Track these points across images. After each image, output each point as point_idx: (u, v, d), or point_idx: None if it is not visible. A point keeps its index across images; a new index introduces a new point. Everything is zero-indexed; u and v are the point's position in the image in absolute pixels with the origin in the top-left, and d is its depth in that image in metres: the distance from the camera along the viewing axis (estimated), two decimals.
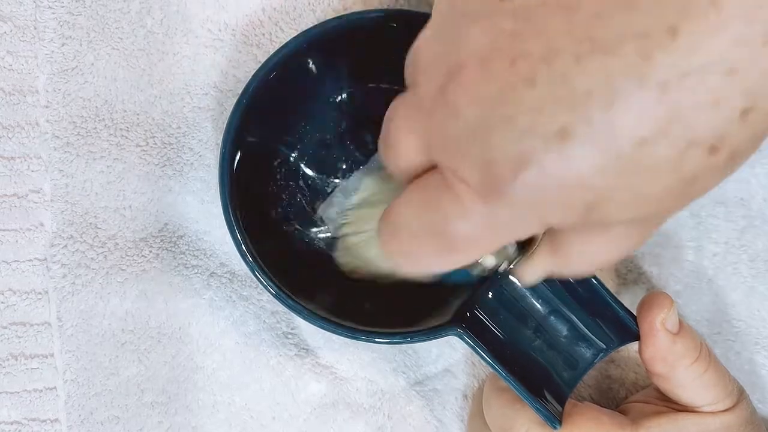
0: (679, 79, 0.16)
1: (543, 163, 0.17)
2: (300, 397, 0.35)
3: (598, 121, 0.17)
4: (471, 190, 0.19)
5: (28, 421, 0.33)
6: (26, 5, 0.32)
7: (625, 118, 0.17)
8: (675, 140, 0.17)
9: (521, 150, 0.18)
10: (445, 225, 0.20)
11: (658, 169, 0.17)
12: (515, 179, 0.18)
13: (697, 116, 0.16)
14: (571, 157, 0.17)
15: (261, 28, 0.33)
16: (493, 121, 0.18)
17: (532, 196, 0.18)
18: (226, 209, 0.29)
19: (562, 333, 0.30)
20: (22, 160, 0.32)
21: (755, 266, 0.35)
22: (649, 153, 0.17)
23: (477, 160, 0.18)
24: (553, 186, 0.18)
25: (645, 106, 0.16)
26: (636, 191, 0.18)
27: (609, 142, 0.17)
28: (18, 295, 0.33)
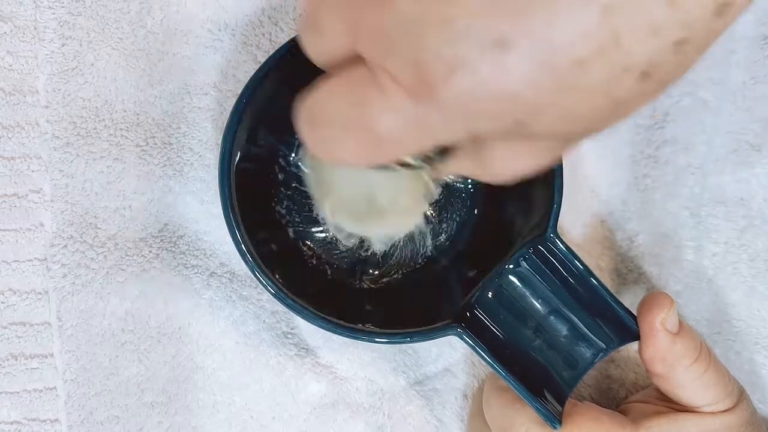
0: (622, 4, 0.16)
1: (477, 70, 0.17)
2: (300, 397, 0.35)
3: (538, 35, 0.16)
4: (399, 88, 0.18)
5: (28, 421, 0.33)
6: (26, 5, 0.32)
7: (565, 35, 0.16)
8: (611, 64, 0.17)
9: (456, 54, 0.17)
10: (370, 120, 0.19)
11: (591, 91, 0.17)
12: (447, 83, 0.17)
13: (634, 43, 0.16)
14: (506, 68, 0.17)
15: (261, 29, 0.33)
16: (430, 19, 0.17)
17: (462, 103, 0.18)
18: (226, 209, 0.29)
19: (562, 333, 0.30)
20: (22, 160, 0.32)
21: (755, 266, 0.35)
22: (584, 73, 0.17)
23: (409, 58, 0.18)
24: (485, 95, 0.17)
25: (587, 27, 0.16)
26: (566, 109, 0.18)
27: (547, 58, 0.17)
28: (18, 295, 0.33)
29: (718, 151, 0.35)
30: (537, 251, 0.30)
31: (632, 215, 0.35)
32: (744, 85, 0.34)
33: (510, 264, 0.30)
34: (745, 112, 0.35)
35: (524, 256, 0.30)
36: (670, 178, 0.35)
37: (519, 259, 0.30)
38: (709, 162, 0.35)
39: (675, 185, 0.35)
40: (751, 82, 0.34)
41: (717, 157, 0.35)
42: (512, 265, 0.30)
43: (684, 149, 0.35)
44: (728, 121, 0.35)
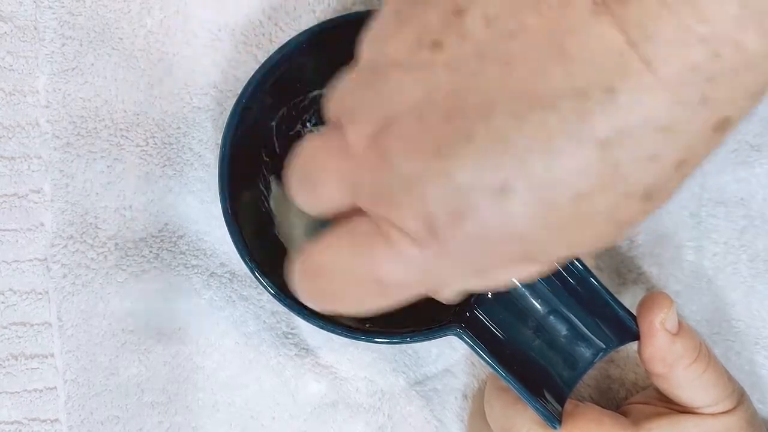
0: (619, 137, 0.16)
1: (482, 217, 0.17)
2: (300, 397, 0.35)
3: (537, 177, 0.17)
4: (406, 237, 0.19)
5: (29, 421, 0.33)
6: (26, 5, 0.32)
7: (565, 174, 0.17)
8: (613, 193, 0.17)
9: (460, 203, 0.17)
10: (377, 271, 0.20)
11: (594, 219, 0.18)
12: (454, 231, 0.18)
13: (635, 171, 0.17)
14: (510, 212, 0.17)
15: (261, 28, 0.33)
16: (431, 175, 0.18)
17: (470, 247, 0.18)
18: (225, 209, 0.29)
19: (562, 333, 0.30)
20: (23, 160, 0.32)
21: (755, 266, 0.35)
22: (586, 206, 0.17)
23: (413, 211, 0.18)
24: (492, 238, 0.18)
25: (585, 164, 0.16)
26: (571, 238, 0.18)
27: (549, 197, 0.17)
28: (18, 295, 0.33)
29: (718, 151, 0.35)
30: None
31: None
32: None
33: None
34: None
35: None
36: None
37: None
38: (709, 162, 0.35)
39: None
40: None
41: (717, 157, 0.35)
42: None
43: None
44: None
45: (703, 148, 0.17)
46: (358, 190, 0.19)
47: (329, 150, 0.20)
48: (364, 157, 0.19)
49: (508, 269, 0.22)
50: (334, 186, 0.20)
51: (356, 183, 0.19)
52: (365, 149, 0.19)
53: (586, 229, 0.18)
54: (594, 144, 0.16)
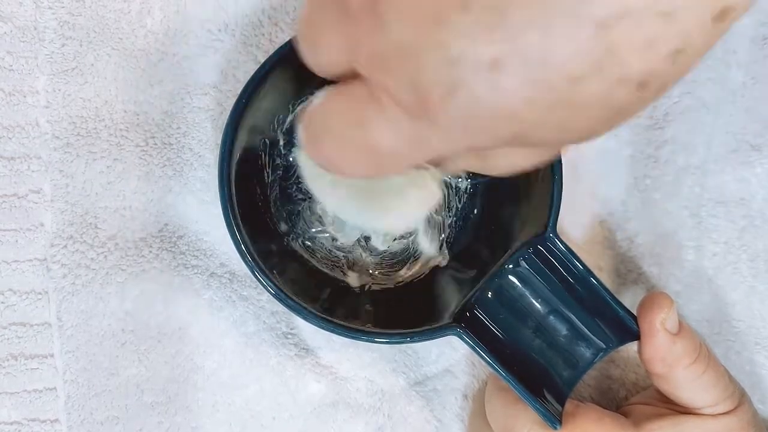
0: (617, 19, 0.16)
1: (474, 91, 0.17)
2: (300, 397, 0.35)
3: (532, 55, 0.16)
4: (398, 106, 0.19)
5: (28, 422, 0.33)
6: (26, 6, 0.32)
7: (560, 53, 0.16)
8: (607, 77, 0.17)
9: (452, 76, 0.17)
10: (370, 137, 0.20)
11: (587, 104, 0.17)
12: (445, 104, 0.18)
13: (630, 55, 0.16)
14: (502, 88, 0.17)
15: (261, 29, 0.33)
16: (425, 44, 0.17)
17: (460, 121, 0.18)
18: (225, 209, 0.29)
19: (562, 332, 0.30)
20: (22, 160, 0.32)
21: (755, 266, 0.35)
22: (580, 89, 0.17)
23: (406, 80, 0.18)
24: (483, 114, 0.18)
25: (581, 44, 0.16)
26: (563, 122, 0.18)
27: (542, 76, 0.17)
28: (18, 295, 0.33)
29: (718, 151, 0.35)
30: (537, 251, 0.30)
31: (632, 215, 0.35)
32: (744, 85, 0.34)
33: (510, 264, 0.30)
34: (745, 112, 0.35)
35: (524, 256, 0.30)
36: (669, 178, 0.35)
37: (519, 259, 0.30)
38: (709, 162, 0.35)
39: (675, 185, 0.35)
40: (751, 82, 0.34)
41: (717, 157, 0.35)
42: (512, 265, 0.30)
43: (684, 149, 0.35)
44: (728, 121, 0.35)
45: (702, 39, 0.17)
46: (356, 53, 0.19)
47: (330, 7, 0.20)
48: (361, 17, 0.19)
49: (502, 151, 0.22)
50: (334, 45, 0.20)
51: (354, 42, 0.19)
52: (362, 9, 0.19)
53: (579, 112, 0.18)
54: (591, 24, 0.16)
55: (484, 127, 0.18)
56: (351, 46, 0.19)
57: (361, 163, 0.21)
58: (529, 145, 0.20)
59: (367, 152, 0.20)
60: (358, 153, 0.20)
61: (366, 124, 0.20)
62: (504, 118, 0.18)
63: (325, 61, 0.21)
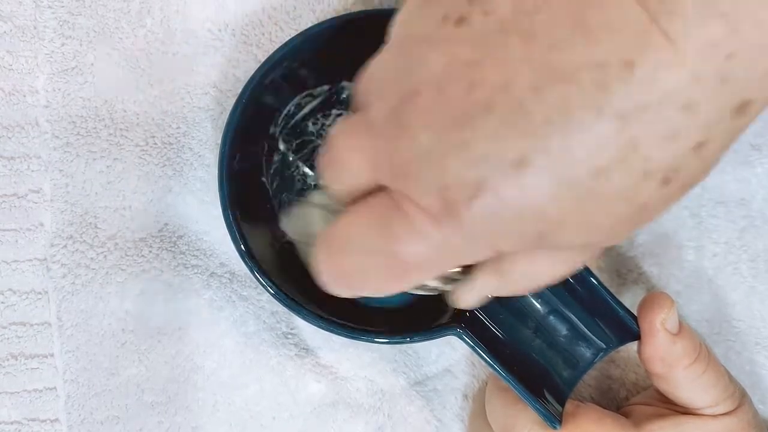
0: (637, 112, 0.16)
1: (499, 190, 0.17)
2: (300, 397, 0.35)
3: (555, 150, 0.17)
4: (423, 214, 0.19)
5: (28, 421, 0.33)
6: (26, 5, 0.32)
7: (583, 147, 0.17)
8: (631, 171, 0.17)
9: (477, 176, 0.17)
10: (395, 247, 0.20)
11: (613, 199, 0.17)
12: (470, 205, 0.18)
13: (653, 148, 0.17)
14: (528, 185, 0.17)
15: (261, 28, 0.33)
16: (449, 147, 0.18)
17: (486, 223, 0.18)
18: (225, 210, 0.29)
19: (562, 332, 0.30)
20: (22, 160, 0.32)
21: (755, 266, 0.35)
22: (605, 183, 0.17)
23: (431, 185, 0.18)
24: (509, 214, 0.18)
25: (603, 137, 0.16)
26: (589, 220, 0.18)
27: (566, 171, 0.17)
28: (18, 295, 0.33)
29: None
30: None
31: None
32: None
33: None
34: None
35: None
36: None
37: None
38: None
39: None
40: None
41: None
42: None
43: None
44: None
45: (724, 132, 0.17)
46: (380, 166, 0.20)
47: (354, 129, 0.20)
48: (386, 130, 0.19)
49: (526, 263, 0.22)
50: (359, 164, 0.20)
51: (378, 158, 0.19)
52: (386, 122, 0.19)
53: (604, 210, 0.18)
54: (612, 117, 0.16)
55: (510, 227, 0.18)
56: (374, 161, 0.20)
57: (384, 277, 0.21)
58: (554, 248, 0.20)
59: (391, 264, 0.20)
60: (381, 265, 0.20)
61: (391, 233, 0.20)
62: (530, 216, 0.18)
63: (349, 181, 0.21)
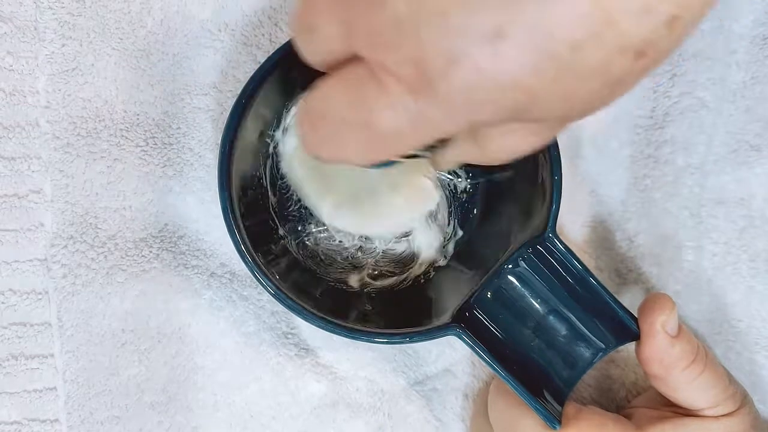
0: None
1: (477, 62, 0.17)
2: (300, 397, 0.35)
3: (533, 22, 0.17)
4: (399, 84, 0.18)
5: (28, 422, 0.33)
6: (27, 6, 0.32)
7: (561, 20, 0.16)
8: (606, 45, 0.17)
9: (454, 47, 0.17)
10: (371, 117, 0.19)
11: (588, 73, 0.17)
12: (447, 76, 0.18)
13: (628, 22, 0.17)
14: (505, 57, 0.17)
15: (261, 29, 0.33)
16: (424, 16, 0.17)
17: (462, 94, 0.18)
18: (225, 210, 0.29)
19: (561, 332, 0.30)
20: (23, 160, 0.32)
21: (755, 266, 0.35)
22: (581, 56, 0.17)
23: (407, 55, 0.18)
24: (486, 85, 0.18)
25: (581, 10, 0.16)
26: (564, 92, 0.18)
27: (544, 43, 0.17)
28: (18, 295, 0.33)
29: (718, 151, 0.35)
30: (536, 251, 0.30)
31: (632, 215, 0.35)
32: (744, 85, 0.34)
33: (509, 264, 0.30)
34: (745, 112, 0.35)
35: (523, 256, 0.30)
36: (669, 178, 0.35)
37: (518, 259, 0.30)
38: (709, 162, 0.35)
39: (675, 185, 0.35)
40: (751, 82, 0.34)
41: (717, 157, 0.35)
42: (511, 265, 0.30)
43: (684, 149, 0.35)
44: (728, 121, 0.35)
45: (696, 7, 0.17)
46: (354, 33, 0.19)
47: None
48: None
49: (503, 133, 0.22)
50: (331, 29, 0.20)
51: (352, 25, 0.19)
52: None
53: (579, 83, 0.18)
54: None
55: (487, 99, 0.18)
56: (348, 28, 0.19)
57: (362, 146, 0.21)
58: (531, 120, 0.20)
59: (368, 133, 0.20)
60: (358, 135, 0.20)
61: (366, 103, 0.19)
62: (506, 88, 0.18)
63: (321, 50, 0.21)
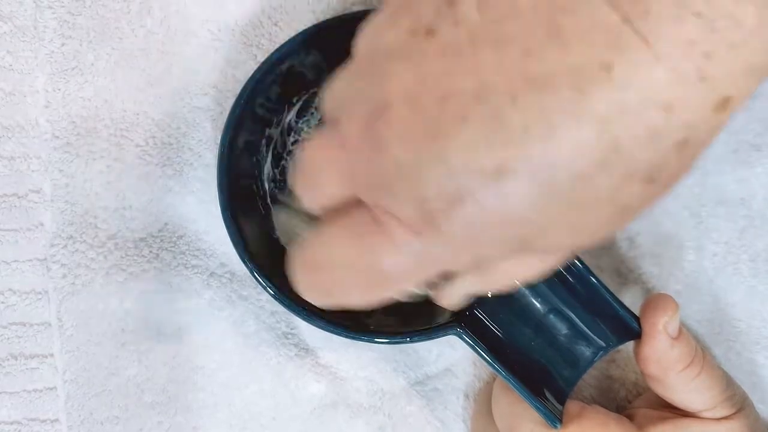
0: (618, 114, 0.16)
1: (479, 199, 0.17)
2: (300, 398, 0.35)
3: (536, 157, 0.16)
4: (403, 226, 0.19)
5: (28, 421, 0.33)
6: (26, 5, 0.32)
7: (564, 153, 0.16)
8: (613, 174, 0.17)
9: (456, 187, 0.17)
10: (376, 261, 0.19)
11: (596, 202, 0.17)
12: (450, 216, 0.18)
13: (635, 150, 0.16)
14: (508, 193, 0.17)
15: (260, 29, 0.33)
16: (425, 159, 0.17)
17: (467, 232, 0.18)
18: (224, 210, 0.29)
19: (562, 331, 0.30)
20: (22, 160, 0.32)
21: (755, 266, 0.35)
22: (587, 187, 0.17)
23: (409, 198, 0.18)
24: (490, 222, 0.18)
25: (584, 141, 0.16)
26: (572, 224, 0.18)
27: (547, 178, 0.17)
28: (18, 295, 0.33)
29: (718, 151, 0.35)
30: None
31: None
32: None
33: None
34: (745, 112, 0.34)
35: None
36: None
37: None
38: (709, 162, 0.35)
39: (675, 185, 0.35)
40: None
41: (717, 157, 0.35)
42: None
43: None
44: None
45: (705, 129, 0.17)
46: (356, 181, 0.19)
47: (327, 146, 0.20)
48: (359, 146, 0.19)
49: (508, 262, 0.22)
50: (333, 180, 0.20)
51: (353, 174, 0.19)
52: (359, 138, 0.19)
53: (588, 213, 0.18)
54: (592, 121, 0.16)
55: (492, 236, 0.18)
56: (350, 177, 0.19)
57: (365, 289, 0.21)
58: (537, 252, 0.20)
59: (371, 276, 0.20)
60: (361, 278, 0.20)
61: (370, 247, 0.19)
62: (511, 225, 0.18)
63: (325, 198, 0.21)
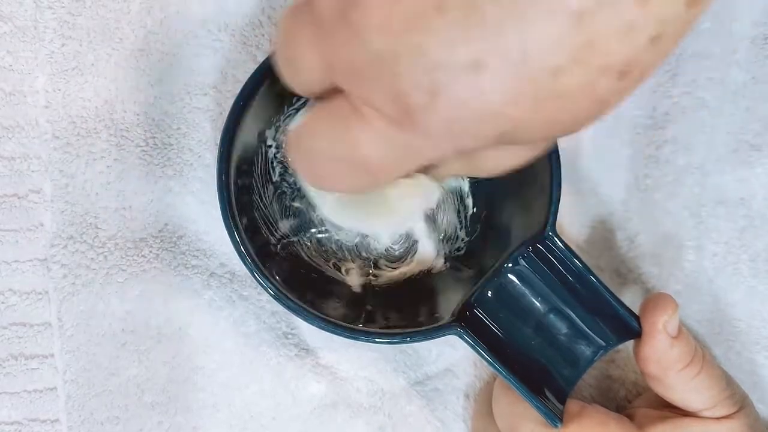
0: (592, 9, 0.16)
1: (457, 94, 0.17)
2: (300, 398, 0.35)
3: (511, 51, 0.16)
4: (382, 118, 0.19)
5: (28, 422, 0.33)
6: (26, 5, 0.32)
7: (538, 47, 0.16)
8: (588, 68, 0.17)
9: (434, 80, 0.17)
10: (357, 151, 0.20)
11: (571, 96, 0.17)
12: (428, 110, 0.18)
13: (609, 44, 0.16)
14: (485, 88, 0.17)
15: (260, 29, 0.33)
16: (402, 50, 0.17)
17: (445, 125, 0.18)
18: (224, 210, 0.29)
19: (562, 331, 0.30)
20: (22, 160, 0.32)
21: (755, 266, 0.35)
22: (563, 81, 0.17)
23: (387, 90, 0.18)
24: (467, 116, 0.18)
25: (559, 35, 0.16)
26: (548, 117, 0.18)
27: (522, 72, 0.17)
28: (18, 295, 0.33)
29: (718, 151, 0.35)
30: (536, 250, 0.30)
31: (632, 215, 0.35)
32: (744, 85, 0.34)
33: (509, 263, 0.30)
34: (745, 112, 0.35)
35: (523, 254, 0.30)
36: (670, 178, 0.35)
37: (518, 258, 0.30)
38: (709, 162, 0.35)
39: (675, 185, 0.35)
40: (751, 82, 0.34)
41: (717, 157, 0.35)
42: (511, 264, 0.30)
43: (684, 149, 0.35)
44: (728, 121, 0.35)
45: (679, 24, 0.17)
46: (333, 68, 0.19)
47: (302, 20, 0.20)
48: (334, 31, 0.18)
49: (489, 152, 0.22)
50: (312, 63, 0.20)
51: (331, 60, 0.19)
52: (334, 23, 0.18)
53: (564, 106, 0.18)
54: (568, 15, 0.16)
55: (470, 129, 0.18)
56: (327, 61, 0.19)
57: (353, 179, 0.21)
58: (516, 143, 0.20)
59: (355, 166, 0.20)
60: (348, 169, 0.20)
61: (350, 137, 0.19)
62: (489, 118, 0.18)
63: (304, 80, 0.21)
